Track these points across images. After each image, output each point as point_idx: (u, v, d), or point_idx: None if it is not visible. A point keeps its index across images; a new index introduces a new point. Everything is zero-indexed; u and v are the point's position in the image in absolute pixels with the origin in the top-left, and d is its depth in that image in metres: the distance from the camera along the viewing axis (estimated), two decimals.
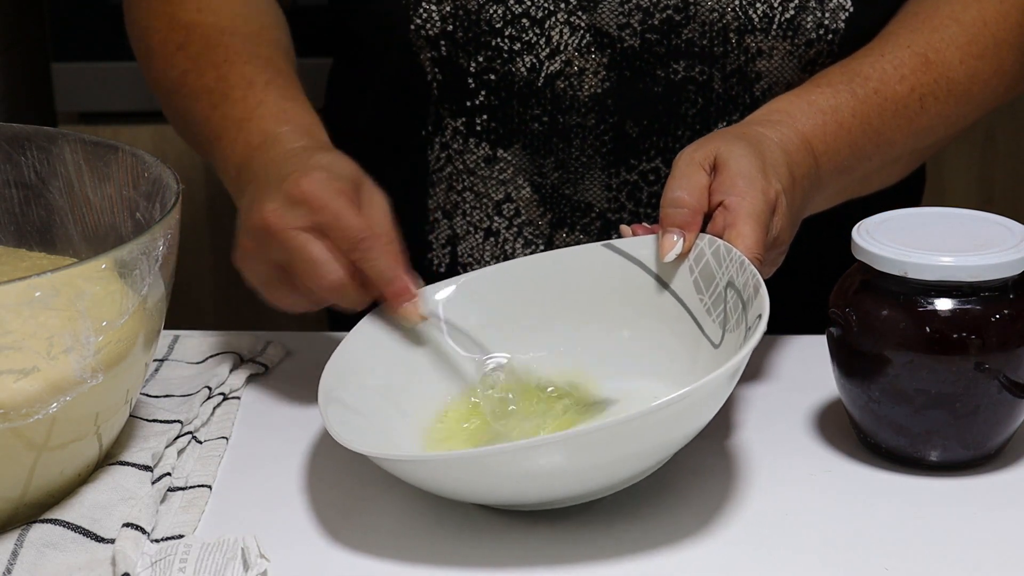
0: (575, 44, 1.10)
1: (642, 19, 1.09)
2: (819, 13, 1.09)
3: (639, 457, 0.84)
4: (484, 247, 1.17)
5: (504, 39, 1.10)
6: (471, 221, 1.17)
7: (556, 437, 0.81)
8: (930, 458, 0.92)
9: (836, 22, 1.09)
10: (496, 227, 1.16)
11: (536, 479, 0.82)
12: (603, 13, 1.09)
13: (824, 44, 1.10)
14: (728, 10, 1.09)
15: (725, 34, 1.09)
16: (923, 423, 0.91)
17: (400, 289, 0.94)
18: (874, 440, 0.93)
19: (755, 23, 1.09)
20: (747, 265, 0.90)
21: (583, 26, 1.09)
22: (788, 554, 0.85)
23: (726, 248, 0.92)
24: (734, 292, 0.91)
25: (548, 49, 1.10)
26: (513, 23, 1.10)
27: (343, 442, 0.84)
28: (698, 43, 1.10)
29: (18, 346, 0.80)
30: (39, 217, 1.01)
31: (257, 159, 0.99)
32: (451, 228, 1.17)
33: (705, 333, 0.94)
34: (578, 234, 1.15)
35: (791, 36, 1.09)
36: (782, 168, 0.96)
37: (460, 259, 1.18)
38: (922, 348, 0.89)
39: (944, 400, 0.90)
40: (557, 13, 1.09)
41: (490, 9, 1.09)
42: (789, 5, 1.09)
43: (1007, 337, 0.89)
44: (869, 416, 0.93)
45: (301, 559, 0.84)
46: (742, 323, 0.89)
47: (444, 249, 1.18)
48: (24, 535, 0.83)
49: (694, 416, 0.84)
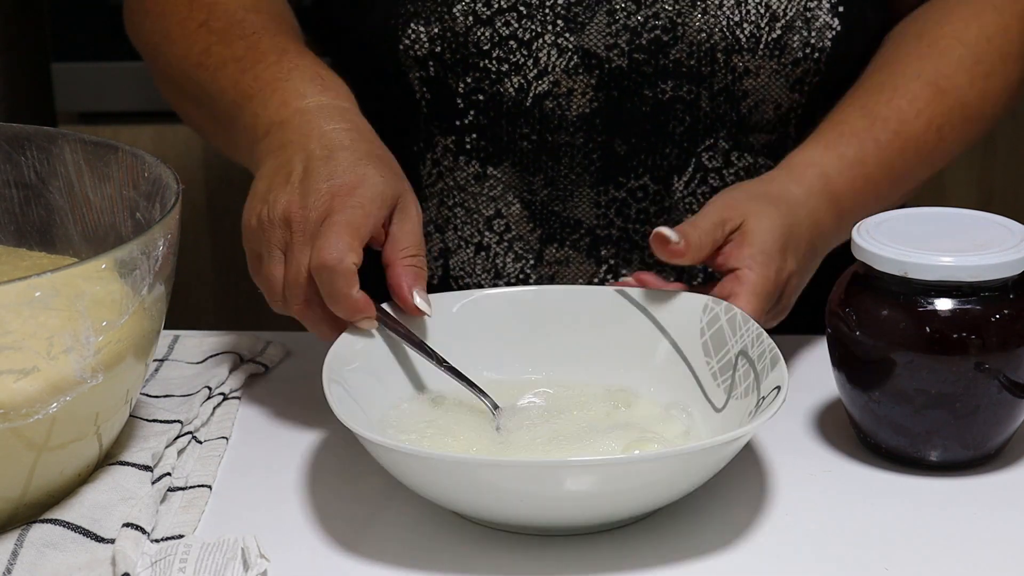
0: (563, 65, 1.10)
1: (630, 39, 1.10)
2: (805, 33, 1.09)
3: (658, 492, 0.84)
4: (475, 261, 1.17)
5: (492, 60, 1.10)
6: (462, 236, 1.17)
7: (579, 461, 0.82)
8: (930, 458, 0.92)
9: (823, 41, 1.10)
10: (487, 242, 1.16)
11: (536, 500, 0.82)
12: (590, 35, 1.09)
13: (811, 63, 1.11)
14: (716, 31, 1.09)
15: (713, 54, 1.10)
16: (923, 423, 0.91)
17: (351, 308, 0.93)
18: (874, 440, 0.93)
19: (742, 43, 1.09)
20: (765, 338, 0.91)
21: (570, 48, 1.10)
22: (788, 554, 0.85)
23: (743, 318, 0.94)
24: (746, 361, 0.92)
25: (536, 70, 1.10)
26: (500, 45, 1.10)
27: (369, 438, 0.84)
28: (686, 63, 1.10)
29: (18, 346, 0.80)
30: (39, 217, 1.01)
31: (296, 124, 0.98)
32: (443, 242, 1.17)
33: (707, 395, 0.95)
34: (567, 249, 1.15)
35: (778, 56, 1.10)
36: (803, 244, 1.00)
37: (452, 272, 1.18)
38: (922, 348, 0.89)
39: (944, 400, 0.90)
40: (544, 35, 1.09)
41: (477, 31, 1.10)
42: (776, 25, 1.09)
43: (1007, 337, 0.89)
44: (869, 416, 0.93)
45: (301, 559, 0.84)
46: (752, 392, 0.90)
47: (436, 262, 1.18)
48: (24, 535, 0.83)
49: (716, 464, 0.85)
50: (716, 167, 1.13)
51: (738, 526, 0.87)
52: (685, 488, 0.84)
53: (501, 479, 0.81)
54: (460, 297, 0.99)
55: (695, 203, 1.14)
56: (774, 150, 1.14)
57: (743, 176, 1.14)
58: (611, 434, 0.90)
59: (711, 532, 0.86)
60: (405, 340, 0.95)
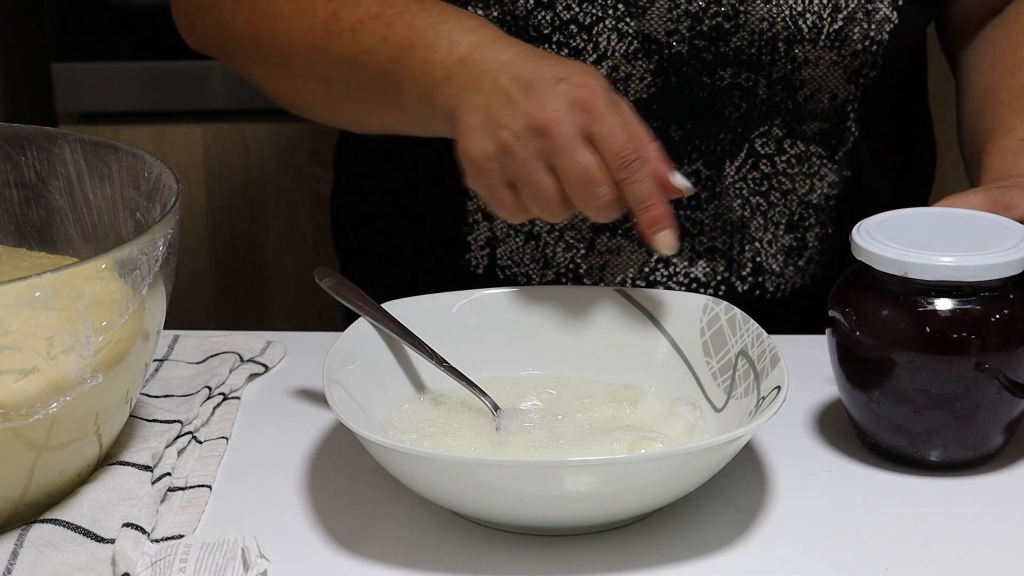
0: (622, 50, 1.09)
1: (691, 25, 1.09)
2: (866, 25, 1.09)
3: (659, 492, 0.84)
4: (524, 250, 1.16)
5: (551, 44, 1.09)
6: (511, 224, 1.16)
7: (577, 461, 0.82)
8: (930, 458, 0.92)
9: (881, 34, 1.10)
10: (537, 231, 1.15)
11: (531, 499, 0.82)
12: (651, 19, 1.08)
13: (868, 55, 1.11)
14: (778, 20, 1.08)
15: (774, 43, 1.09)
16: (923, 423, 0.91)
17: (655, 218, 0.93)
18: (874, 440, 0.93)
19: (804, 33, 1.09)
20: (765, 338, 0.92)
21: (631, 32, 1.08)
22: (788, 553, 0.85)
23: (743, 318, 0.94)
24: (746, 361, 0.92)
25: (595, 55, 1.09)
26: (561, 29, 1.09)
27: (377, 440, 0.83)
28: (746, 51, 1.09)
29: (18, 346, 0.80)
30: (39, 217, 1.01)
31: (478, 58, 0.97)
32: (491, 230, 1.16)
33: (707, 395, 0.95)
34: (619, 238, 1.14)
35: (838, 47, 1.10)
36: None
37: (499, 261, 1.17)
38: (922, 348, 0.89)
39: (944, 400, 0.90)
40: (605, 19, 1.08)
41: (538, 15, 1.08)
42: (838, 17, 1.09)
43: (1007, 337, 0.89)
44: (869, 416, 0.93)
45: (301, 559, 0.84)
46: (752, 392, 0.90)
47: (483, 251, 1.17)
48: (24, 535, 0.83)
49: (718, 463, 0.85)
50: (768, 153, 1.13)
51: (738, 526, 0.87)
52: (685, 488, 0.84)
53: (501, 479, 0.81)
54: (460, 297, 0.99)
55: (745, 188, 1.14)
56: (827, 138, 1.14)
57: (794, 163, 1.14)
58: (612, 435, 0.90)
59: (711, 532, 0.86)
60: (405, 340, 0.95)
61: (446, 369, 0.95)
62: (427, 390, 0.96)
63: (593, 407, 0.95)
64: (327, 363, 0.90)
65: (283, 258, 1.89)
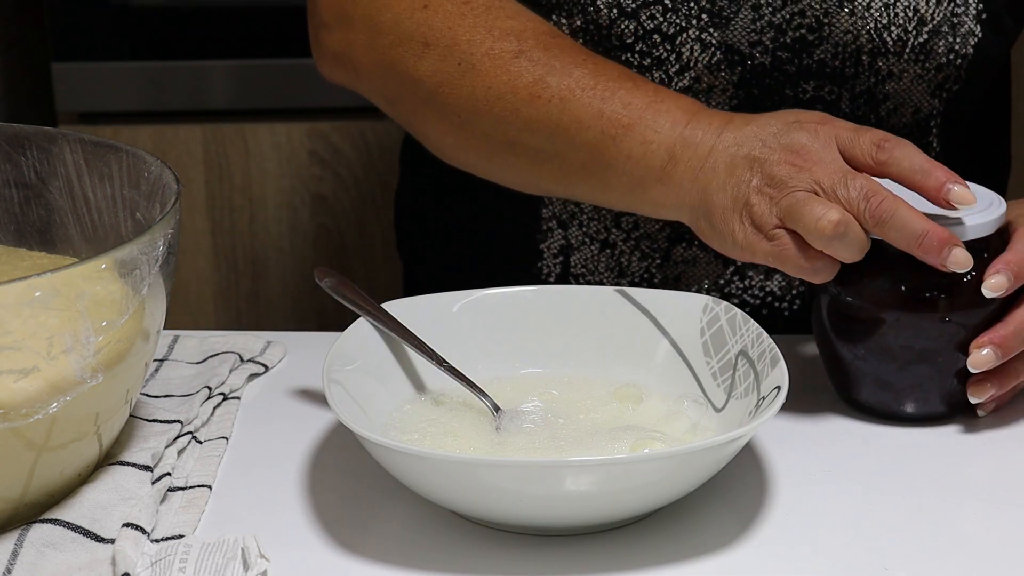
0: (705, 61, 1.08)
1: (774, 37, 1.08)
2: (951, 38, 1.08)
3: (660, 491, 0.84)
4: (599, 259, 1.15)
5: (634, 54, 1.08)
6: (587, 232, 1.15)
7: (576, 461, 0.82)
8: (909, 411, 0.97)
9: (966, 47, 1.09)
10: (613, 239, 1.14)
11: (532, 500, 0.82)
12: (735, 30, 1.08)
13: (952, 69, 1.10)
14: (863, 32, 1.07)
15: (858, 56, 1.08)
16: (908, 378, 0.95)
17: (940, 241, 0.92)
18: (858, 397, 0.98)
19: (888, 46, 1.08)
20: (765, 338, 0.92)
21: (714, 43, 1.07)
22: (788, 554, 0.85)
23: (743, 318, 0.95)
24: (746, 361, 0.93)
25: (678, 65, 1.08)
26: (644, 39, 1.08)
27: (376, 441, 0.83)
28: (830, 64, 1.09)
29: (18, 346, 0.80)
30: (39, 217, 1.01)
31: (700, 139, 0.96)
32: (565, 238, 1.15)
33: (707, 395, 0.95)
34: (695, 249, 1.14)
35: (923, 60, 1.09)
36: None
37: (573, 270, 1.16)
38: (900, 307, 0.94)
39: (926, 356, 0.94)
40: (689, 29, 1.07)
41: (621, 24, 1.07)
42: (923, 30, 1.08)
43: (977, 295, 0.94)
44: (856, 374, 0.97)
45: (301, 559, 0.84)
46: (752, 392, 0.91)
47: (556, 259, 1.16)
48: (24, 535, 0.83)
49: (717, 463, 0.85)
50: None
51: (738, 526, 0.87)
52: (685, 488, 0.84)
53: (501, 479, 0.81)
54: (460, 297, 0.99)
55: None
56: None
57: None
58: (613, 435, 0.90)
59: (711, 532, 0.86)
60: (405, 340, 0.95)
61: (446, 369, 0.95)
62: (427, 390, 0.96)
63: (595, 407, 0.95)
64: (327, 363, 0.90)
65: (283, 258, 1.89)
